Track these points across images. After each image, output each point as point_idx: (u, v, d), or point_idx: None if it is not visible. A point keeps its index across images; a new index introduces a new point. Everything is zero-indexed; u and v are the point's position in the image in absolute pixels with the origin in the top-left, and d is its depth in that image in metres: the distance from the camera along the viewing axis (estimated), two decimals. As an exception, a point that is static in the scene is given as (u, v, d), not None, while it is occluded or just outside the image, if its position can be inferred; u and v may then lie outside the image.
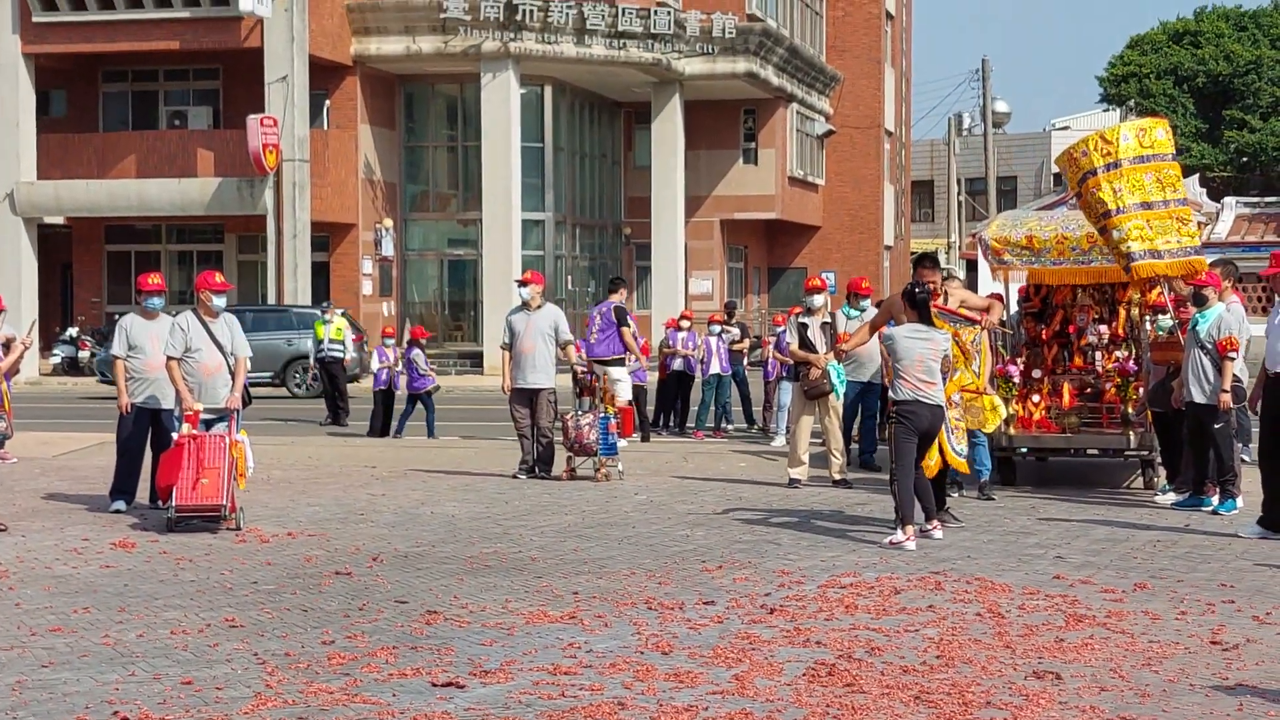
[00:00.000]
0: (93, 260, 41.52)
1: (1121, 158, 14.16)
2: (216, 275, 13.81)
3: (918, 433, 12.28)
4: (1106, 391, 16.06)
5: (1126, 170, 14.14)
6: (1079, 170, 14.39)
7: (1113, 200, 14.12)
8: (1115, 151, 14.19)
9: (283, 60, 36.19)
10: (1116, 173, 14.14)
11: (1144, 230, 14.12)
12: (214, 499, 12.74)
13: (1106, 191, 14.13)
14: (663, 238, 43.40)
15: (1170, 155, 14.39)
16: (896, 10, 56.73)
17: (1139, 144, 14.23)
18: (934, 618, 9.29)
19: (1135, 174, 14.16)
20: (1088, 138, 14.64)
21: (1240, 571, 10.97)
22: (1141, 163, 14.18)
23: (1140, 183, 14.14)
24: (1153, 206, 14.15)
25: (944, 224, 66.22)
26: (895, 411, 12.32)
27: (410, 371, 22.59)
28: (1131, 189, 14.11)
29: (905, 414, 12.26)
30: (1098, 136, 14.51)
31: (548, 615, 9.34)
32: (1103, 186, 14.15)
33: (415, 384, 22.56)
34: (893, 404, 12.39)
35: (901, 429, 12.27)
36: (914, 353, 12.30)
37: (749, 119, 47.29)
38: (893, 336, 12.47)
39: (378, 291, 40.51)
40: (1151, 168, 14.20)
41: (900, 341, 12.39)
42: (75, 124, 40.93)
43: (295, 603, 9.79)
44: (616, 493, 15.61)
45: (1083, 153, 14.36)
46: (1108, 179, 14.15)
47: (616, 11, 39.28)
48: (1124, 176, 14.13)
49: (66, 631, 8.93)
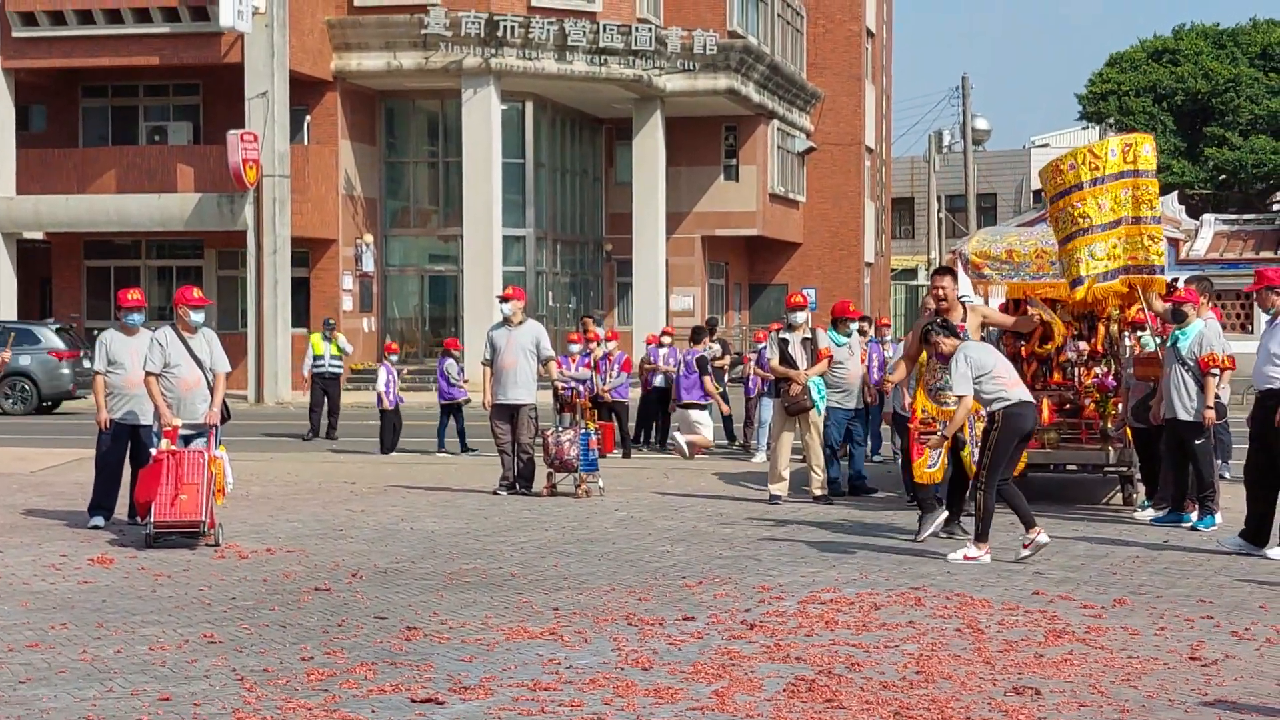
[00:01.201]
0: (72, 275, 41.39)
1: (1108, 173, 14.17)
2: (195, 291, 13.76)
3: (1021, 435, 12.17)
4: (1086, 407, 16.09)
5: (1110, 186, 14.15)
6: (1064, 183, 14.36)
7: (1097, 215, 14.11)
8: (1103, 166, 14.20)
9: (263, 76, 36.14)
10: (1101, 188, 14.15)
11: (1115, 249, 14.16)
12: (193, 515, 12.69)
13: (1091, 206, 14.13)
14: (644, 254, 43.41)
15: (1151, 172, 14.39)
16: (877, 28, 56.88)
17: (1123, 159, 14.25)
18: (914, 633, 9.29)
19: (1115, 189, 14.17)
20: (1077, 150, 14.61)
21: (1219, 587, 10.99)
22: (1121, 178, 14.20)
23: (1119, 199, 14.17)
24: (1123, 223, 14.17)
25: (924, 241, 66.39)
26: (1003, 413, 12.05)
27: (442, 382, 22.57)
28: (1114, 205, 14.13)
29: (1014, 414, 12.09)
30: (1087, 151, 14.47)
31: (527, 631, 9.33)
32: (1088, 201, 14.15)
33: (449, 394, 22.49)
34: (993, 410, 12.10)
35: (1006, 433, 12.06)
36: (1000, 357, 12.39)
37: (730, 135, 47.36)
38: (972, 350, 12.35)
39: (358, 307, 40.46)
40: (1129, 183, 14.22)
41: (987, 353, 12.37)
42: (55, 139, 40.82)
43: (274, 619, 9.76)
44: (597, 509, 15.60)
45: (1070, 166, 14.33)
46: (1093, 194, 14.15)
47: (598, 28, 39.33)
48: (1108, 191, 14.14)
49: (44, 647, 8.89)
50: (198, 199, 36.96)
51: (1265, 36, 63.90)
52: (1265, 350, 12.63)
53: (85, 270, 41.41)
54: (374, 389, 23.48)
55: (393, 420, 22.73)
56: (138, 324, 14.12)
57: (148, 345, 13.47)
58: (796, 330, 16.53)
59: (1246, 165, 60.94)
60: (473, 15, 38.10)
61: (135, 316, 14.13)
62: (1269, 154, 60.69)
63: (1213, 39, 64.62)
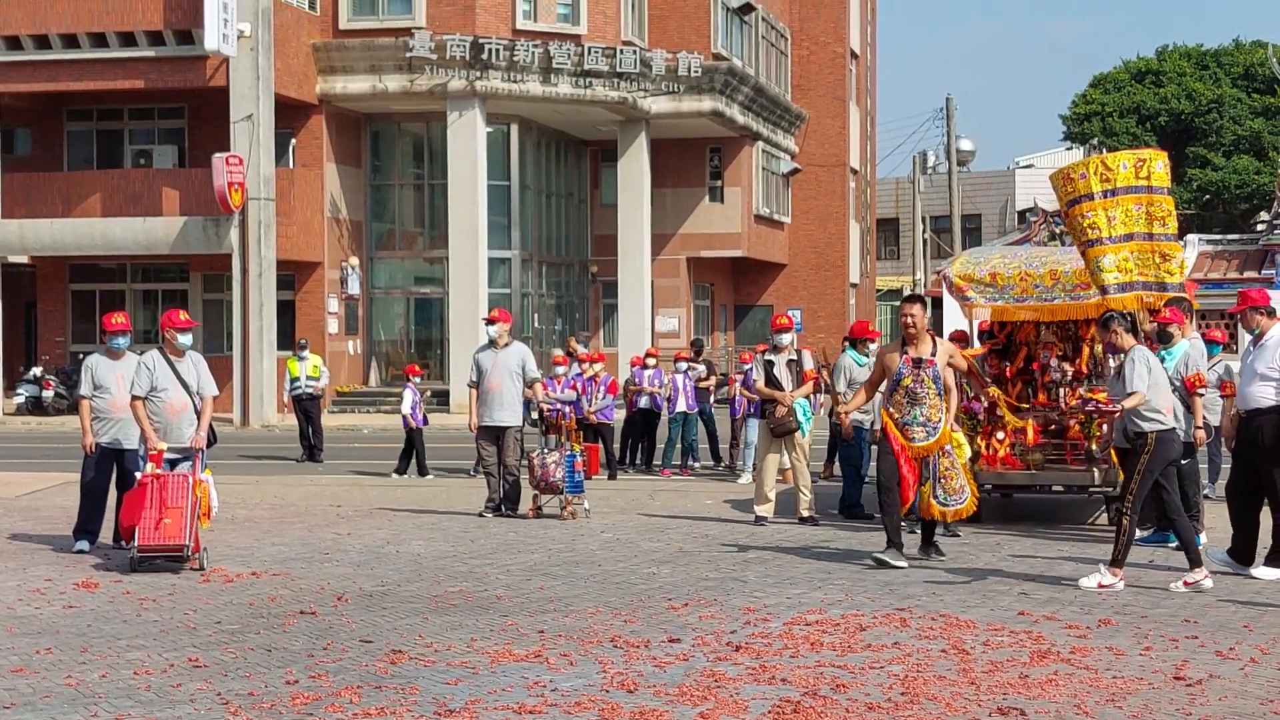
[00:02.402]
0: (57, 299, 41.33)
1: (1119, 186, 14.16)
2: (181, 314, 13.68)
3: (1168, 463, 11.89)
4: (1071, 428, 16.11)
5: (1122, 199, 14.14)
6: (1074, 192, 14.30)
7: (1106, 228, 14.11)
8: (1114, 179, 14.19)
9: (248, 99, 36.16)
10: (1112, 200, 14.14)
11: (1126, 263, 14.13)
12: (176, 539, 12.66)
13: (1100, 218, 14.11)
14: (629, 275, 43.44)
15: (1165, 189, 14.38)
16: (861, 49, 57.04)
17: (1135, 174, 14.24)
18: (899, 654, 9.30)
19: (1127, 203, 14.15)
20: (1089, 160, 14.56)
21: (1204, 607, 11.01)
22: (1133, 193, 14.19)
23: (1130, 213, 14.15)
24: (1134, 238, 14.16)
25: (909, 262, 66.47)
26: (1156, 437, 11.76)
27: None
28: (1124, 219, 14.12)
29: (1167, 440, 11.85)
30: (1099, 162, 14.41)
31: (513, 654, 9.32)
32: (1098, 212, 14.12)
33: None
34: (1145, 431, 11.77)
35: (1157, 459, 11.78)
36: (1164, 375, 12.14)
37: (715, 157, 47.42)
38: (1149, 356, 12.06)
39: (343, 330, 40.44)
40: (1143, 199, 14.21)
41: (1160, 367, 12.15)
42: (40, 163, 40.77)
43: (259, 642, 9.74)
44: (583, 531, 15.59)
45: (1081, 175, 14.24)
46: (1104, 206, 14.13)
47: (582, 50, 39.40)
48: (1119, 205, 14.14)
49: (29, 672, 8.87)
50: (183, 222, 36.95)
51: (1248, 57, 64.20)
52: (1250, 370, 12.67)
53: (70, 294, 41.36)
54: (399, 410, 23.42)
55: (418, 441, 22.56)
56: (123, 348, 14.10)
57: (133, 369, 13.46)
58: (782, 351, 16.54)
59: (1230, 186, 61.18)
60: (458, 38, 38.16)
61: (121, 340, 14.09)
62: (1252, 174, 60.94)
63: (1196, 60, 64.92)
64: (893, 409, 13.10)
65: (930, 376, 13.00)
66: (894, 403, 13.09)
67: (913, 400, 12.97)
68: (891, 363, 13.16)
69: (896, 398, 13.05)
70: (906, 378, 13.00)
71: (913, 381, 12.98)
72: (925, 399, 12.98)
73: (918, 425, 12.97)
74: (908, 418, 12.98)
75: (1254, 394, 12.54)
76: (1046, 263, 16.20)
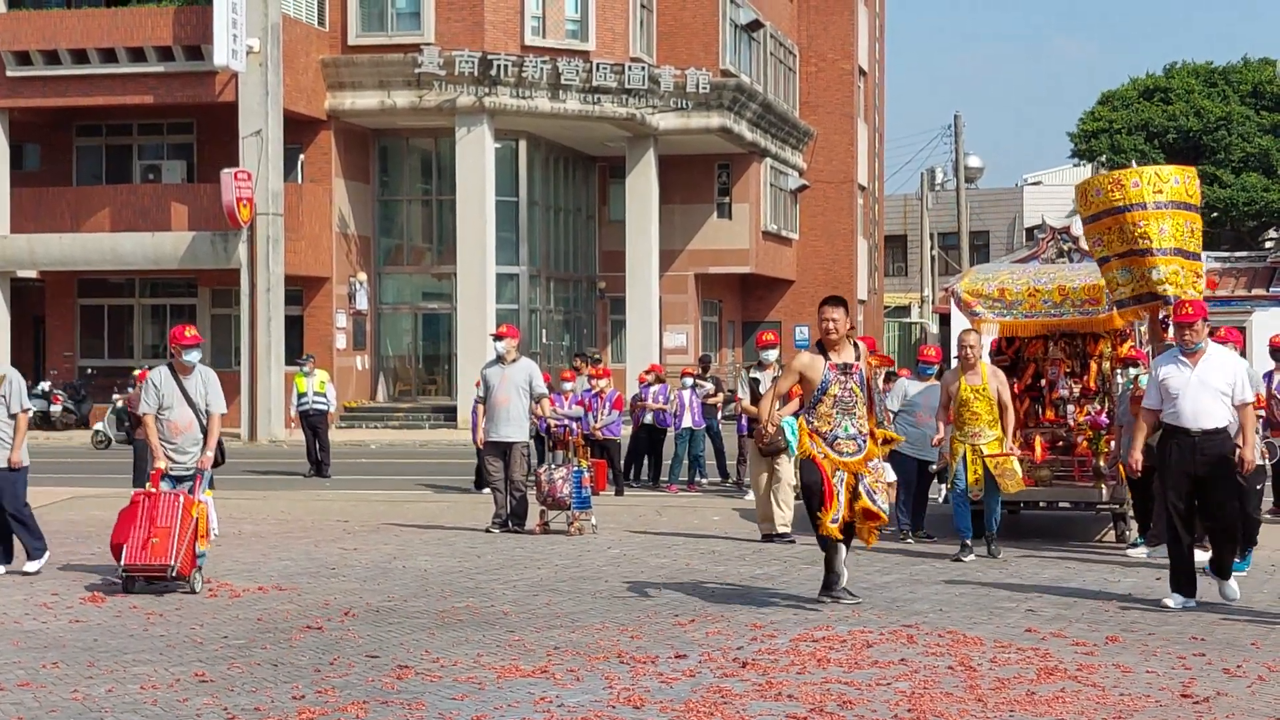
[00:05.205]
0: (65, 314, 41.39)
1: (1169, 199, 14.13)
2: (188, 329, 13.33)
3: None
4: (1078, 445, 16.10)
5: (1173, 213, 14.13)
6: (1125, 199, 14.14)
7: (1157, 239, 14.06)
8: (1166, 191, 14.14)
9: (257, 115, 36.23)
10: (1164, 212, 14.09)
11: (1176, 276, 14.11)
12: (162, 559, 12.39)
13: (1153, 228, 14.04)
14: (637, 292, 43.42)
15: (1199, 208, 14.44)
16: (869, 66, 57.08)
17: (1185, 191, 14.23)
18: (906, 671, 9.28)
19: (1178, 217, 14.15)
20: (1142, 170, 14.43)
21: (1211, 625, 10.99)
22: (1184, 209, 14.19)
23: (1180, 228, 14.15)
24: (1182, 254, 14.17)
25: (917, 278, 66.46)
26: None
27: None
28: (1174, 233, 14.11)
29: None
30: (1153, 172, 14.34)
31: (519, 669, 9.31)
32: (1150, 222, 14.05)
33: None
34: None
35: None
36: None
37: (723, 173, 47.47)
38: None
39: (351, 345, 40.46)
40: (1190, 217, 14.23)
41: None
42: (49, 178, 40.87)
43: (265, 657, 9.74)
44: (590, 546, 15.58)
45: (1134, 184, 14.13)
46: (1155, 216, 14.07)
47: (591, 66, 39.45)
48: (1169, 217, 14.12)
49: (35, 686, 8.87)
50: (191, 237, 37.01)
51: (1256, 75, 64.15)
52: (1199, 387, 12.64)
53: (79, 309, 41.43)
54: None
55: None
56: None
57: (143, 388, 13.39)
58: (767, 369, 16.49)
59: (1238, 203, 61.12)
60: (466, 54, 38.22)
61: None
62: (1260, 191, 60.89)
63: (1204, 77, 64.86)
64: (817, 421, 11.83)
65: (857, 383, 11.87)
66: (819, 415, 11.82)
67: (843, 410, 11.77)
68: (814, 371, 11.87)
69: (823, 409, 11.80)
70: (834, 385, 11.80)
71: (841, 390, 11.78)
72: (855, 408, 11.81)
73: (847, 438, 11.77)
74: (837, 430, 11.74)
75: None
76: (1055, 279, 16.23)
